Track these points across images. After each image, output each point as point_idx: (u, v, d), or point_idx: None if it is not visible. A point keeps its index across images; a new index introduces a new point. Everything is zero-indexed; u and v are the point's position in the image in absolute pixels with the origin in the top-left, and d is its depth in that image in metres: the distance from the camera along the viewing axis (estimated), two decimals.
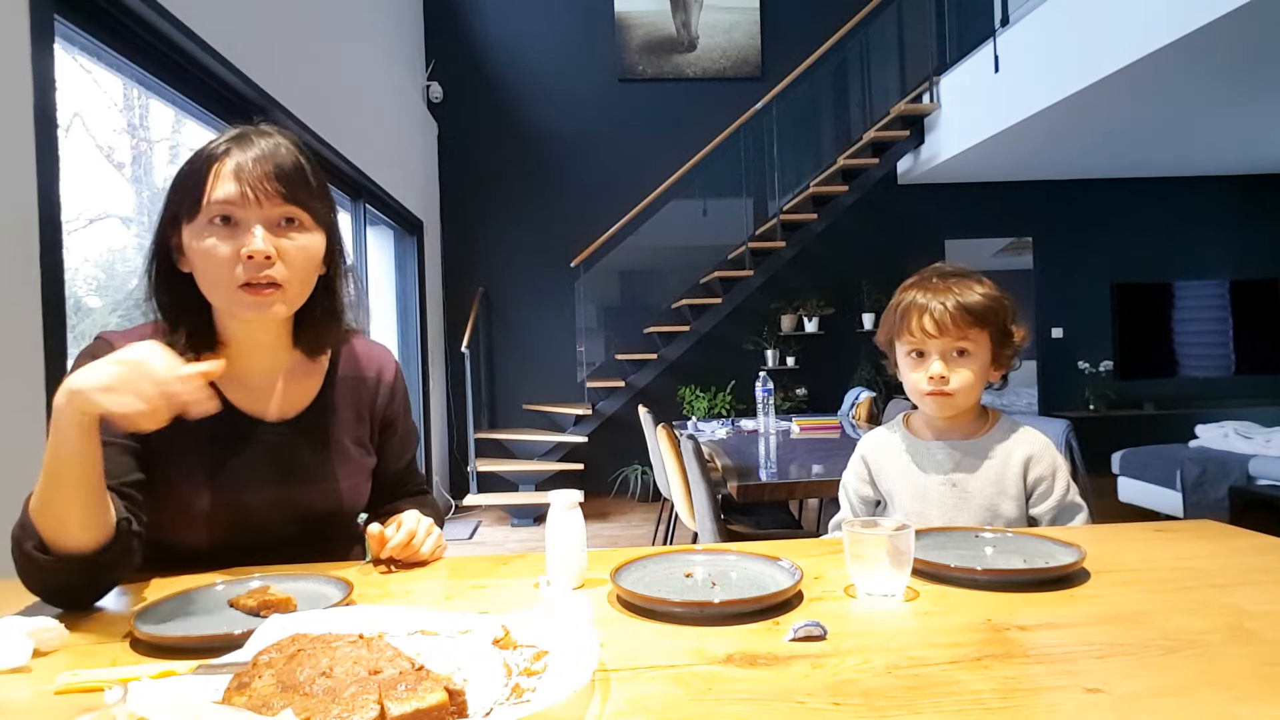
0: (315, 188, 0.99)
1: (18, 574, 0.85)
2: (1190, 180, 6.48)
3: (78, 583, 0.85)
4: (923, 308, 1.22)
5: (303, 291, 1.00)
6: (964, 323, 1.20)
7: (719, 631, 0.75)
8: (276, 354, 1.06)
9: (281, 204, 0.94)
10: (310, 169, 0.99)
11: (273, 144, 0.96)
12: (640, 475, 5.94)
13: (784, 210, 5.85)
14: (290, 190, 0.95)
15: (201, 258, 0.94)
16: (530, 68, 6.23)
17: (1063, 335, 6.46)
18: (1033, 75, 4.51)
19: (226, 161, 0.93)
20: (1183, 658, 0.66)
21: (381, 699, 0.53)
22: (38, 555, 0.82)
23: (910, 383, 1.27)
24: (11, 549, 0.84)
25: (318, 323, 1.06)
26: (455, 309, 6.13)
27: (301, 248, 0.97)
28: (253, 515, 1.01)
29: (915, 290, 1.25)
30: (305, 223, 0.97)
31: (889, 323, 1.28)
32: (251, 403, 1.04)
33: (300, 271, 0.97)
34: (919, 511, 1.26)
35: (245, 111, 2.93)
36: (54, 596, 0.86)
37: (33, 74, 1.72)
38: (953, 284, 1.23)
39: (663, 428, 3.18)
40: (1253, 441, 4.17)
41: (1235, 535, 1.07)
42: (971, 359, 1.22)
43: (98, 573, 0.85)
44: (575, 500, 0.94)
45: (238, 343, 1.02)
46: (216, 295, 0.96)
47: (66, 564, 0.82)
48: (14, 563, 0.84)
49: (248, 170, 0.93)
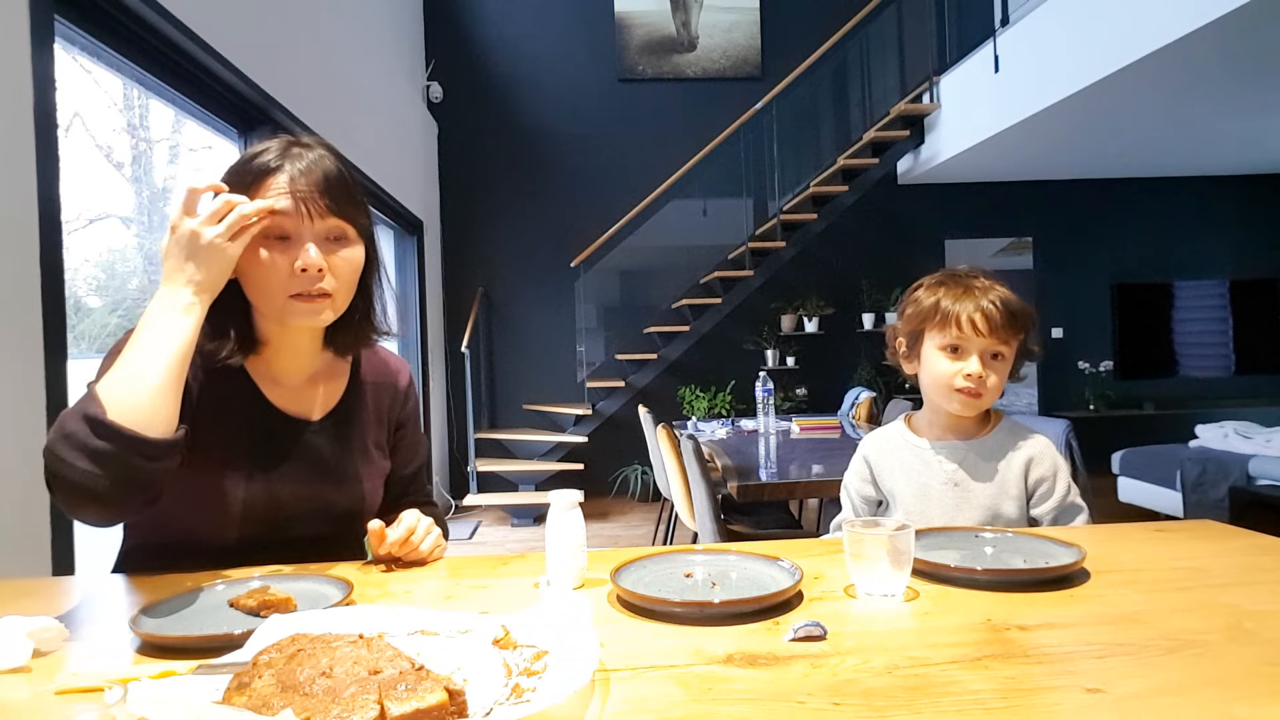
0: (358, 201, 1.03)
1: (55, 466, 0.82)
2: (1190, 180, 6.48)
3: (131, 466, 0.83)
4: (974, 305, 1.20)
5: (345, 299, 1.04)
6: (1010, 327, 1.21)
7: (719, 631, 0.75)
8: (311, 356, 1.10)
9: (330, 218, 0.99)
10: (354, 182, 1.03)
11: (317, 156, 1.00)
12: (640, 475, 5.94)
13: (784, 210, 5.85)
14: (338, 204, 0.99)
15: (255, 268, 0.97)
16: (530, 68, 6.23)
17: (1063, 335, 6.46)
18: (1033, 75, 4.51)
19: (279, 175, 0.97)
20: (1182, 658, 0.66)
21: (381, 699, 0.53)
22: (96, 438, 0.81)
23: (938, 375, 1.24)
24: (53, 442, 0.83)
25: (354, 325, 1.09)
26: (455, 309, 6.13)
27: (348, 260, 1.01)
28: (284, 511, 1.04)
29: (953, 287, 1.24)
30: (350, 236, 1.02)
31: (918, 313, 1.26)
32: (288, 402, 1.07)
33: (346, 282, 1.02)
34: (920, 511, 1.26)
35: (245, 112, 2.93)
36: (96, 486, 0.82)
37: (33, 74, 1.71)
38: (995, 285, 1.23)
39: (663, 428, 3.18)
40: (1253, 441, 4.17)
41: (1235, 535, 1.07)
42: (1004, 363, 1.23)
43: (146, 464, 0.84)
44: (575, 500, 0.94)
45: (276, 345, 1.06)
46: (268, 303, 1.00)
47: (129, 441, 0.83)
48: (52, 453, 0.83)
49: (300, 185, 0.97)
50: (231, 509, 1.00)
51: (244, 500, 1.01)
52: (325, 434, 1.09)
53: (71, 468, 0.82)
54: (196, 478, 0.99)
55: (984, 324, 1.20)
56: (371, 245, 1.08)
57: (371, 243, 1.07)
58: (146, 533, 1.05)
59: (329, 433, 1.09)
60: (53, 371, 1.73)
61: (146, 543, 1.05)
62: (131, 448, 0.83)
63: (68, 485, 0.83)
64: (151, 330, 0.89)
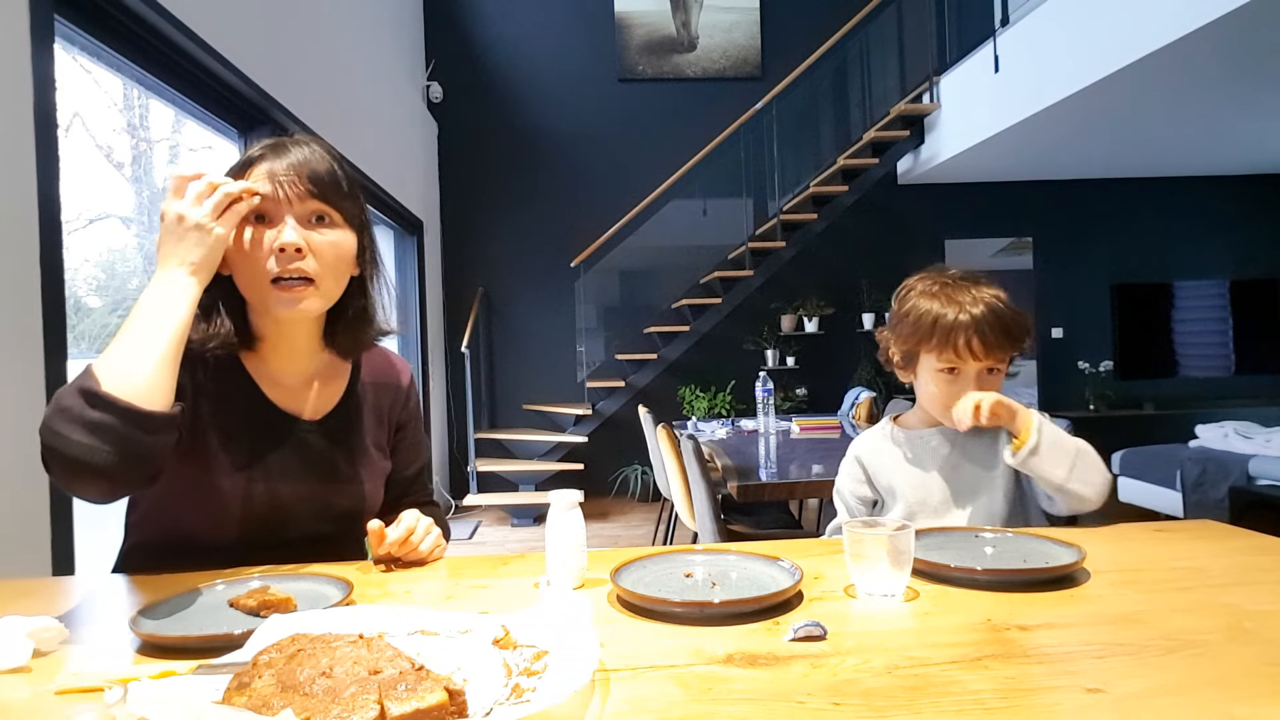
0: (347, 190, 1.03)
1: (51, 440, 0.82)
2: (1190, 180, 6.48)
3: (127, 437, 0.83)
4: (966, 326, 1.18)
5: (335, 288, 1.03)
6: (1005, 344, 1.20)
7: (719, 631, 0.75)
8: (309, 355, 1.09)
9: (312, 200, 0.98)
10: (342, 173, 1.03)
11: (306, 151, 1.01)
12: (640, 475, 5.94)
13: (784, 210, 5.85)
14: (321, 189, 0.99)
15: (238, 254, 0.97)
16: (530, 68, 6.23)
17: (1063, 335, 6.46)
18: (1033, 75, 4.51)
19: (260, 165, 0.98)
20: (1182, 658, 0.66)
21: (381, 699, 0.53)
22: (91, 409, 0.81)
23: (932, 397, 1.25)
24: (49, 417, 0.83)
25: (351, 324, 1.09)
26: (455, 309, 6.13)
27: (332, 243, 1.00)
28: (284, 510, 1.03)
29: (947, 302, 1.21)
30: (336, 220, 1.01)
31: (915, 333, 1.23)
32: (287, 401, 1.07)
33: (331, 267, 1.00)
34: (920, 501, 1.27)
35: (245, 112, 2.93)
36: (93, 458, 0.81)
37: (33, 74, 1.71)
38: (986, 290, 1.22)
39: (663, 428, 3.17)
40: (1253, 441, 4.17)
41: (1235, 535, 1.07)
42: (998, 376, 1.24)
43: (144, 437, 0.84)
44: (575, 500, 0.94)
45: (273, 342, 1.06)
46: (251, 291, 1.00)
47: (125, 411, 0.82)
48: (48, 428, 0.83)
49: (280, 171, 0.97)
50: (231, 508, 1.00)
51: (243, 499, 1.01)
52: (325, 434, 1.08)
53: (68, 440, 0.81)
54: (197, 476, 0.99)
55: (980, 348, 1.19)
56: (366, 238, 1.07)
57: (366, 236, 1.07)
58: (146, 532, 1.05)
59: (329, 432, 1.09)
60: (53, 371, 1.72)
61: (146, 542, 1.05)
62: (128, 419, 0.83)
63: (64, 460, 0.82)
64: (146, 309, 0.90)
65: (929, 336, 1.22)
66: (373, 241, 1.09)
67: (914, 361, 1.28)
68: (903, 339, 1.27)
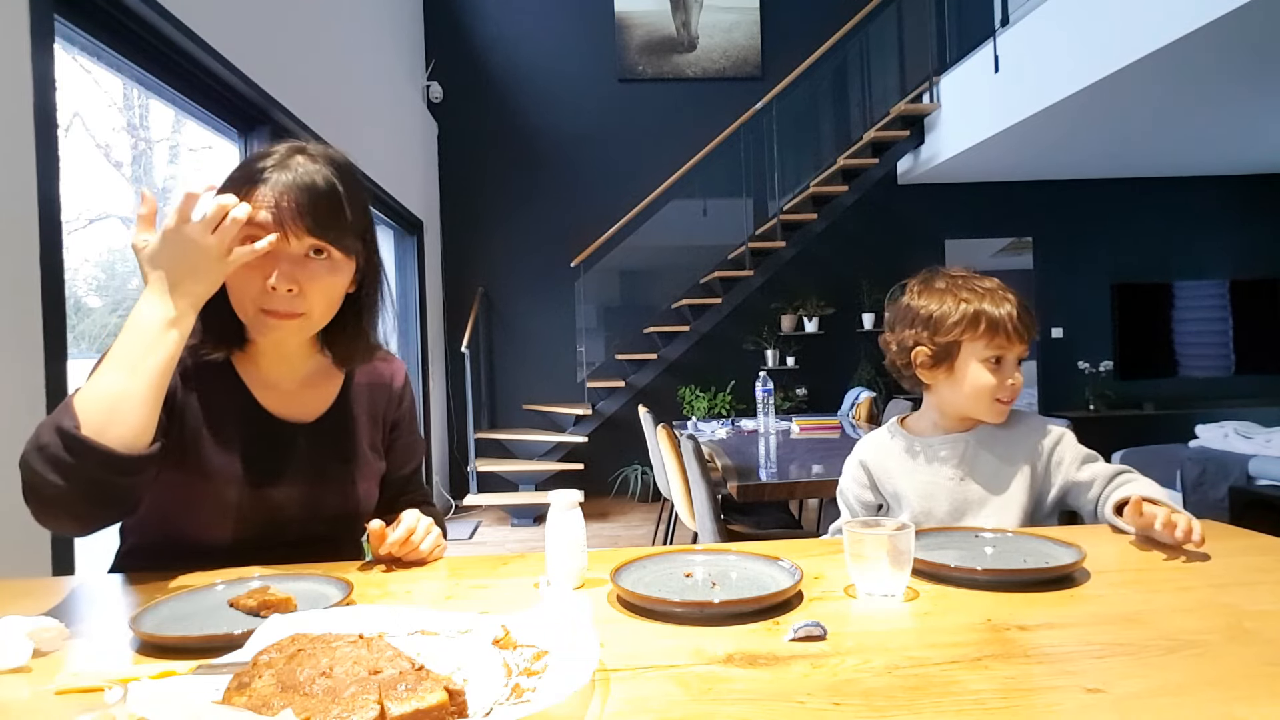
0: (349, 218, 0.99)
1: (29, 477, 0.82)
2: (1190, 180, 6.48)
3: (102, 482, 0.82)
4: (1006, 315, 1.22)
5: (325, 316, 1.02)
6: (1033, 329, 1.24)
7: (719, 631, 0.75)
8: (301, 359, 1.09)
9: (308, 237, 0.96)
10: (347, 197, 0.99)
11: (312, 171, 0.97)
12: (640, 475, 5.94)
13: (784, 210, 5.85)
14: (318, 223, 0.95)
15: (231, 276, 0.95)
16: (530, 68, 6.23)
17: (1063, 335, 6.46)
18: (1033, 75, 4.50)
19: (263, 187, 0.94)
20: (1182, 658, 0.66)
21: (381, 699, 0.53)
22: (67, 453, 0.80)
23: (982, 388, 1.23)
24: (28, 452, 0.82)
25: (347, 340, 1.08)
26: (455, 309, 6.13)
27: (326, 281, 0.98)
28: (278, 513, 1.03)
29: (967, 293, 1.24)
30: (334, 255, 0.99)
31: (957, 323, 1.22)
32: (280, 405, 1.07)
33: (322, 301, 0.99)
34: (927, 511, 1.26)
35: (245, 111, 2.93)
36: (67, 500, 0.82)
37: (33, 74, 1.71)
38: (998, 288, 1.25)
39: (663, 428, 3.17)
40: (1253, 441, 4.17)
41: (1235, 535, 1.07)
42: (1021, 366, 1.26)
43: (119, 479, 0.84)
44: (575, 500, 0.94)
45: (263, 347, 1.05)
46: (240, 310, 0.99)
47: (102, 458, 0.81)
48: (26, 465, 0.82)
49: (281, 202, 0.94)
50: (226, 511, 1.00)
51: (237, 503, 1.00)
52: (318, 437, 1.08)
53: (44, 481, 0.81)
54: (191, 480, 0.99)
55: (1021, 331, 1.22)
56: (365, 259, 1.04)
57: (364, 257, 1.04)
58: (145, 533, 1.05)
59: (322, 436, 1.08)
60: (53, 371, 1.72)
61: (145, 543, 1.05)
62: (104, 464, 0.82)
63: (40, 499, 0.82)
64: (135, 342, 0.87)
65: (975, 324, 1.22)
66: (375, 262, 1.07)
67: (950, 357, 1.24)
68: (944, 332, 1.24)
